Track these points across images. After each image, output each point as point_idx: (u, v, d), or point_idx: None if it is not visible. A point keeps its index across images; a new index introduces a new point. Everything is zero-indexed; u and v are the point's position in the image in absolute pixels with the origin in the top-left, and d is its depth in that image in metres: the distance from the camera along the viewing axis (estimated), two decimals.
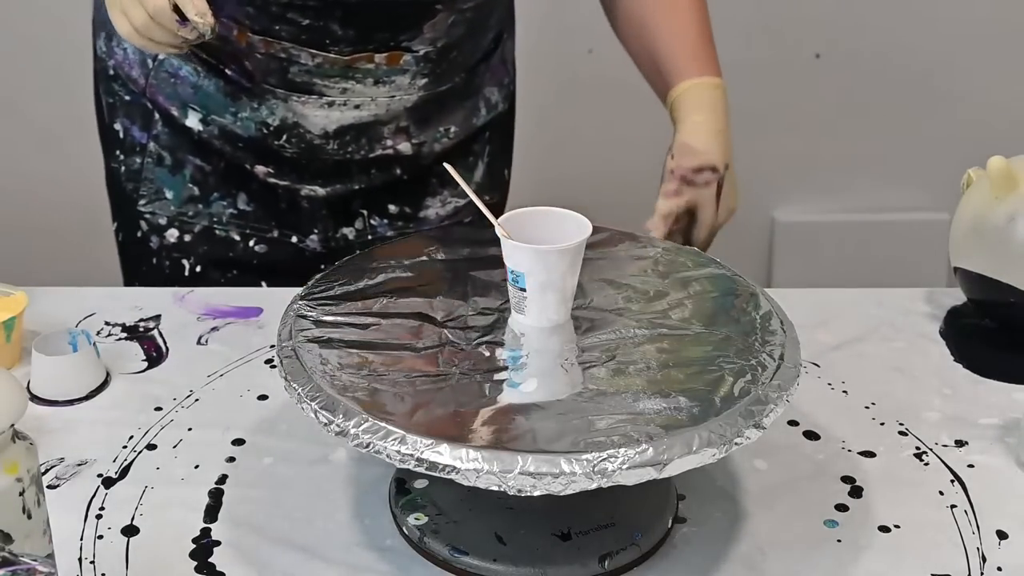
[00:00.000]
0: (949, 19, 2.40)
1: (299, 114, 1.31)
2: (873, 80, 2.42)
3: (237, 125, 1.33)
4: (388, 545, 0.97)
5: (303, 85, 1.29)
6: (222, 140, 1.34)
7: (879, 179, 2.52)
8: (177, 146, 1.36)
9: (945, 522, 1.00)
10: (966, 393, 1.16)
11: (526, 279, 0.95)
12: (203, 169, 1.36)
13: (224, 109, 1.33)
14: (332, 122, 1.31)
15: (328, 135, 1.32)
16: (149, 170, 1.37)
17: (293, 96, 1.30)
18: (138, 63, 1.36)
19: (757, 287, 1.03)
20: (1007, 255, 1.19)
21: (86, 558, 0.95)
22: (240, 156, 1.35)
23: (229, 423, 1.10)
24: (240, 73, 1.31)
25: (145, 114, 1.37)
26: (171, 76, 1.34)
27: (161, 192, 1.37)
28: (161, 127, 1.36)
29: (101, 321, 1.25)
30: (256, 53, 1.28)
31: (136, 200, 1.38)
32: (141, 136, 1.37)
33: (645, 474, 0.82)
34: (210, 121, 1.34)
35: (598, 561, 0.93)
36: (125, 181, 1.39)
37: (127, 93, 1.38)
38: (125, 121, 1.39)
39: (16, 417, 0.77)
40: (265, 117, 1.32)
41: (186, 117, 1.34)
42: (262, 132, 1.32)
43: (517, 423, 0.87)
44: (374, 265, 1.06)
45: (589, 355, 0.94)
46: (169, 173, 1.37)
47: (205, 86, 1.33)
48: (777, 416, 0.88)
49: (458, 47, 1.33)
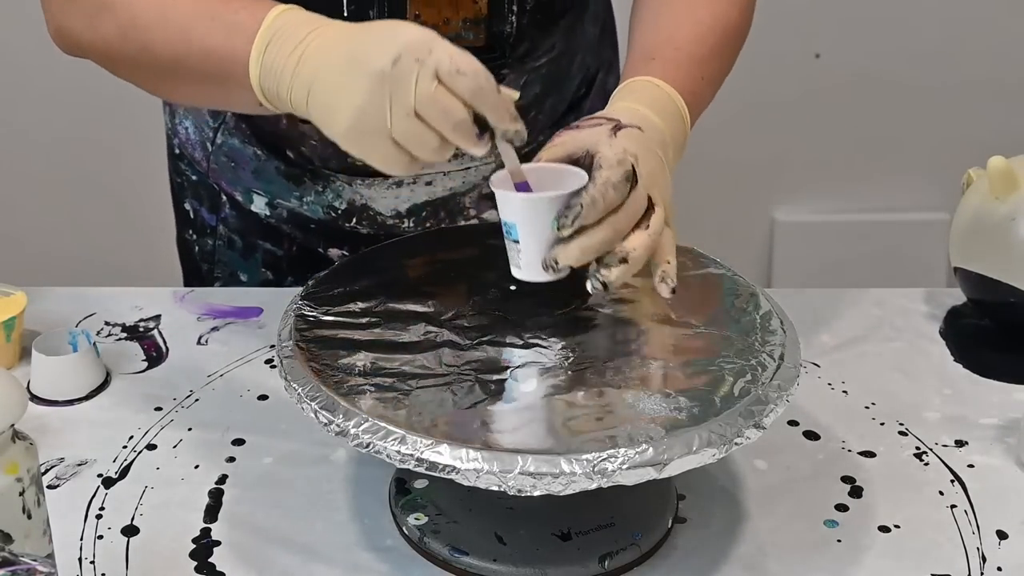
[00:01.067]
0: (949, 19, 2.40)
1: (366, 196, 1.22)
2: (873, 80, 2.42)
3: (304, 209, 1.25)
4: (388, 545, 0.97)
5: (365, 168, 1.14)
6: (291, 225, 1.27)
7: (879, 179, 2.52)
8: (246, 230, 1.29)
9: (945, 522, 1.00)
10: (966, 393, 1.16)
11: (517, 230, 0.92)
12: (274, 253, 1.29)
13: (288, 193, 1.25)
14: (403, 202, 1.22)
15: (401, 215, 1.23)
16: (222, 252, 1.32)
17: (357, 180, 1.21)
18: (199, 144, 1.28)
19: (757, 287, 1.03)
20: (1007, 255, 1.19)
21: (86, 558, 0.95)
22: (312, 240, 1.27)
23: (229, 423, 1.10)
24: (299, 157, 1.23)
25: (212, 196, 1.30)
26: (230, 160, 1.26)
27: (236, 276, 1.32)
28: (229, 210, 1.29)
29: (101, 321, 1.25)
30: (310, 140, 1.20)
31: (212, 282, 1.34)
32: (210, 218, 1.31)
33: (645, 474, 0.82)
34: (276, 205, 1.26)
35: (598, 561, 0.93)
36: (200, 260, 1.34)
37: (193, 173, 1.31)
38: (194, 202, 1.33)
39: (16, 417, 0.77)
40: (331, 201, 1.23)
41: (251, 203, 1.27)
42: (331, 215, 1.24)
43: (517, 423, 0.87)
44: (374, 265, 1.06)
45: (589, 355, 0.94)
46: (241, 257, 1.31)
47: (266, 170, 1.24)
48: (777, 416, 0.87)
49: (537, 106, 1.22)
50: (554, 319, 0.99)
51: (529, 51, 1.19)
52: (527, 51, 1.19)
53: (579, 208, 0.88)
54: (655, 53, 1.05)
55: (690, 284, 1.03)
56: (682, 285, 1.03)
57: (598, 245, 0.89)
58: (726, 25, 1.10)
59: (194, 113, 1.28)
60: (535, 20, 1.17)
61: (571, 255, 0.89)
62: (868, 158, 2.50)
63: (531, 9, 1.15)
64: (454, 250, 1.09)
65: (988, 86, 2.44)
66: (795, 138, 2.45)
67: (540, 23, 1.18)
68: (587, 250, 0.89)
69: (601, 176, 0.89)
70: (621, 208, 0.89)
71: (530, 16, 1.16)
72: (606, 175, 0.89)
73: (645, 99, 0.99)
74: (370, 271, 1.04)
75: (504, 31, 1.15)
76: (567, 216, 0.88)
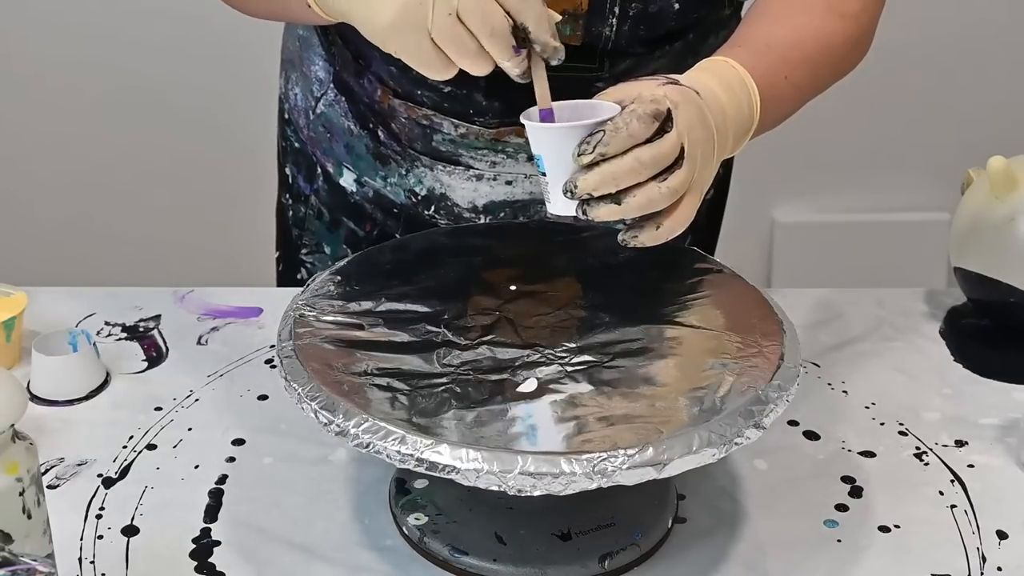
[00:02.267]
0: (950, 19, 2.40)
1: (446, 184, 1.21)
2: (873, 80, 2.41)
3: (388, 190, 1.25)
4: (388, 545, 0.97)
5: (448, 155, 1.19)
6: (374, 206, 1.27)
7: (879, 179, 2.52)
8: (334, 205, 1.30)
9: (945, 522, 1.00)
10: (966, 393, 1.16)
11: (544, 161, 0.91)
12: (356, 234, 1.30)
13: (375, 172, 1.25)
14: (481, 196, 1.21)
15: (477, 209, 1.22)
16: (311, 221, 1.32)
17: (439, 165, 1.21)
18: (303, 111, 1.29)
19: (757, 287, 1.03)
20: (1007, 255, 1.19)
21: (86, 558, 0.95)
22: (391, 225, 1.27)
23: (229, 423, 1.10)
24: (388, 135, 1.22)
25: (310, 166, 1.31)
26: (327, 131, 1.27)
27: (321, 246, 1.33)
28: (321, 182, 1.30)
29: (101, 321, 1.25)
30: (400, 117, 1.20)
31: (300, 247, 1.35)
32: (306, 187, 1.32)
33: (645, 474, 0.82)
34: (364, 183, 1.26)
35: (598, 561, 0.93)
36: (292, 225, 1.35)
37: (296, 140, 1.33)
38: (294, 168, 1.34)
39: (16, 417, 0.77)
40: (413, 185, 1.23)
41: (341, 176, 1.28)
42: (411, 200, 1.24)
43: (517, 423, 0.87)
44: (374, 265, 1.06)
45: (589, 355, 0.94)
46: (327, 230, 1.32)
47: (357, 146, 1.25)
48: (777, 416, 0.87)
49: None
50: (554, 319, 0.99)
51: (630, 70, 1.16)
52: (627, 69, 1.16)
53: (601, 135, 0.87)
54: (744, 43, 1.03)
55: (690, 284, 1.04)
56: (683, 286, 1.03)
57: (619, 174, 0.87)
58: (830, 41, 1.08)
59: (303, 80, 1.29)
60: (637, 33, 1.13)
61: (590, 182, 0.87)
62: (868, 158, 2.50)
63: (634, 16, 1.12)
64: (454, 250, 1.09)
65: (988, 86, 2.44)
66: (795, 138, 2.44)
67: (644, 39, 1.15)
68: (606, 177, 0.87)
69: (628, 107, 0.88)
70: (647, 144, 0.87)
71: (632, 25, 1.12)
72: (634, 106, 0.88)
73: (715, 74, 0.97)
74: (370, 271, 1.05)
75: (603, 33, 1.12)
76: (588, 143, 0.87)
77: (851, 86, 1.78)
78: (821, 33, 1.07)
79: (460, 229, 1.20)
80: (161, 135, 2.40)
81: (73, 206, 2.46)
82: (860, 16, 1.10)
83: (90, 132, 2.41)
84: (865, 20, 1.11)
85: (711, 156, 0.92)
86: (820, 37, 1.07)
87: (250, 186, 1.99)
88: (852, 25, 1.10)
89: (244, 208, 2.08)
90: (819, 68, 1.08)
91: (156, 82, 2.35)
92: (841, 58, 1.10)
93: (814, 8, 1.08)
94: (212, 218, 2.44)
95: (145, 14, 2.30)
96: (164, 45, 2.32)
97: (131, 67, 2.34)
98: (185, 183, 2.44)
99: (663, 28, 1.15)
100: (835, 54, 1.09)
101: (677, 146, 0.88)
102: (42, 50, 2.35)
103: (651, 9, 1.12)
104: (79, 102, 2.38)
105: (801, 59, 1.05)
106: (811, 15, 1.08)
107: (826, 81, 1.10)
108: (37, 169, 2.44)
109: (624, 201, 0.88)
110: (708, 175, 0.93)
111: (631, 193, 0.88)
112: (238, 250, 2.19)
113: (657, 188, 0.88)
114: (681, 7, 1.13)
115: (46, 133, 2.41)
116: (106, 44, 2.33)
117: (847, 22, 1.09)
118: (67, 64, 2.35)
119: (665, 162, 0.88)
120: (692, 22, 1.17)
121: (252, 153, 2.03)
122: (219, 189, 2.43)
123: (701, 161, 0.91)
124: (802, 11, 1.07)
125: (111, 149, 2.42)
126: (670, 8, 1.12)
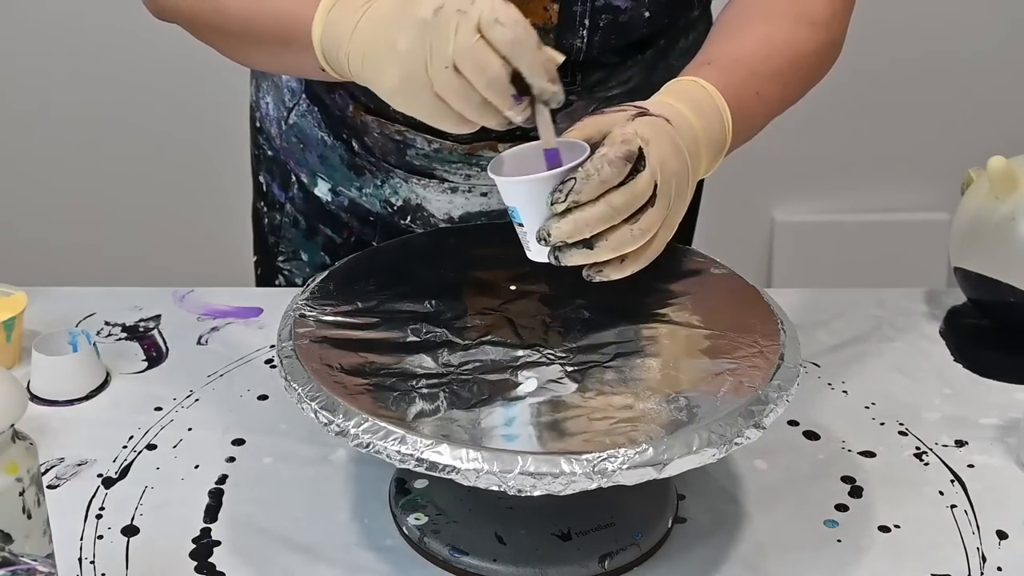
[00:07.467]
0: (950, 19, 2.40)
1: (421, 196, 1.21)
2: (873, 80, 2.42)
3: (363, 200, 1.25)
4: (388, 545, 0.97)
5: (422, 168, 1.19)
6: (350, 214, 1.27)
7: (879, 179, 2.52)
8: (310, 213, 1.30)
9: (945, 522, 1.00)
10: (966, 393, 1.16)
11: (519, 212, 0.91)
12: (334, 240, 1.30)
13: (350, 183, 1.25)
14: (456, 208, 1.20)
15: (452, 220, 1.21)
16: (287, 229, 1.33)
17: (413, 177, 1.20)
18: (275, 120, 1.29)
19: (757, 287, 1.03)
20: (1007, 255, 1.19)
21: (86, 558, 0.95)
22: (368, 233, 1.27)
23: (229, 423, 1.10)
24: (362, 147, 1.22)
25: (284, 174, 1.31)
26: (300, 142, 1.27)
27: (298, 253, 1.33)
28: (296, 190, 1.30)
29: (101, 321, 1.25)
30: (373, 132, 1.20)
31: (276, 254, 1.35)
32: (280, 195, 1.32)
33: (645, 474, 0.82)
34: (339, 192, 1.26)
35: (598, 561, 0.93)
36: (268, 232, 1.36)
37: (269, 148, 1.33)
38: (267, 176, 1.34)
39: (16, 417, 0.77)
40: (388, 196, 1.22)
41: (315, 186, 1.28)
42: (387, 210, 1.24)
43: (517, 423, 0.87)
44: (374, 265, 1.06)
45: (588, 355, 0.94)
46: (304, 238, 1.32)
47: (331, 157, 1.24)
48: (777, 416, 0.88)
49: None
50: (554, 319, 0.99)
51: (602, 80, 1.16)
52: (600, 80, 1.15)
53: (572, 183, 0.86)
54: (713, 60, 1.02)
55: (690, 284, 1.04)
56: (683, 286, 1.03)
57: (592, 221, 0.87)
58: (799, 52, 1.07)
59: (274, 90, 1.30)
60: (609, 43, 1.13)
61: (563, 230, 0.87)
62: (868, 158, 2.50)
63: (604, 26, 1.11)
64: (454, 250, 1.09)
65: (988, 86, 2.44)
66: (795, 138, 2.45)
67: (617, 49, 1.14)
68: (579, 225, 0.87)
69: (600, 151, 0.87)
70: (620, 188, 0.87)
71: (603, 36, 1.12)
72: (605, 151, 0.87)
73: (685, 97, 0.96)
74: (370, 271, 1.05)
75: (574, 45, 1.11)
76: (561, 191, 0.87)
77: (851, 86, 1.80)
78: (790, 46, 1.06)
79: (462, 228, 1.20)
80: (161, 135, 2.40)
81: (73, 206, 2.46)
82: (831, 22, 1.09)
83: (90, 132, 2.41)
84: (836, 26, 1.10)
85: (685, 186, 0.91)
86: (788, 50, 1.06)
87: (250, 186, 1.99)
88: (822, 32, 1.09)
89: (244, 208, 2.07)
90: (789, 82, 1.07)
91: (156, 82, 2.35)
92: (809, 68, 1.10)
93: (782, 17, 1.07)
94: (212, 218, 2.44)
95: (145, 14, 2.30)
96: (164, 45, 2.32)
97: (131, 67, 2.34)
98: (185, 183, 2.44)
99: (634, 36, 1.14)
100: (803, 65, 1.08)
101: (651, 184, 0.88)
102: (42, 50, 2.35)
103: (621, 19, 1.11)
104: (79, 102, 2.38)
105: (771, 74, 1.04)
106: (779, 25, 1.07)
107: (796, 94, 1.10)
108: (37, 169, 2.44)
109: (596, 246, 0.88)
110: (681, 207, 0.92)
111: (603, 237, 0.88)
112: (238, 250, 2.19)
113: (629, 231, 0.88)
114: (651, 14, 1.12)
115: (46, 133, 2.41)
116: (106, 44, 2.33)
117: (817, 30, 1.08)
118: (67, 64, 2.35)
119: (638, 203, 0.88)
120: (663, 28, 1.16)
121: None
122: (219, 189, 2.43)
123: (675, 195, 0.90)
124: (770, 21, 1.07)
125: (111, 149, 2.42)
126: (640, 16, 1.12)
